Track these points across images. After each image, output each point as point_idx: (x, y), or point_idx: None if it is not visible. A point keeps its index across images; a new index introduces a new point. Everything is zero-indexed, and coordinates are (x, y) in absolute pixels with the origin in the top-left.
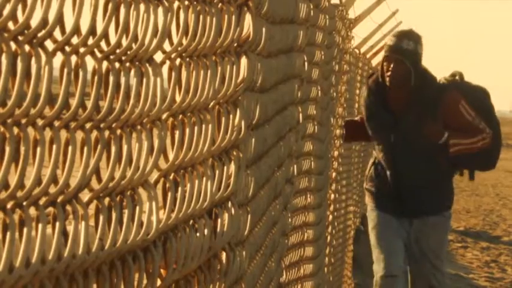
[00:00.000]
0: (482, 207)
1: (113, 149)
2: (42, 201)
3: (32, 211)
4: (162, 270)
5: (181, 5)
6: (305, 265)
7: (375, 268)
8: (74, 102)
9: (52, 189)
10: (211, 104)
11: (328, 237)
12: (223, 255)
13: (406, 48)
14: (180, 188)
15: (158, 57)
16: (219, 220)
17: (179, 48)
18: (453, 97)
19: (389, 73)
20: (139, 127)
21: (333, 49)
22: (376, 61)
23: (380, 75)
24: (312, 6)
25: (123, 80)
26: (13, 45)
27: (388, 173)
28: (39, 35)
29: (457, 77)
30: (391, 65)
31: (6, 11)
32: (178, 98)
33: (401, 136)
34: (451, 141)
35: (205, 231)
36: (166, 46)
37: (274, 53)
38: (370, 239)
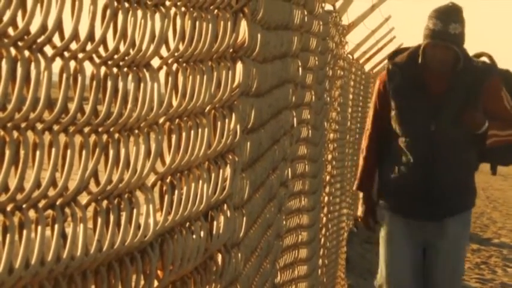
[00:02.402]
0: (473, 210)
1: (111, 152)
2: (41, 204)
3: (32, 213)
4: (159, 272)
5: (178, 11)
6: (299, 266)
7: (379, 283)
8: (72, 106)
9: (51, 192)
10: (207, 108)
11: (322, 239)
12: (219, 257)
13: (454, 33)
14: (176, 191)
15: (155, 62)
16: (215, 222)
17: (176, 54)
18: (496, 83)
19: (436, 61)
20: (136, 131)
21: (326, 55)
22: (369, 66)
23: (421, 60)
24: (306, 13)
25: (121, 84)
26: (13, 51)
27: (416, 169)
28: (39, 40)
29: (484, 58)
30: (437, 53)
31: (6, 17)
32: (175, 103)
33: (441, 124)
34: (490, 132)
35: (202, 233)
36: (163, 52)
37: (269, 59)
38: (381, 247)
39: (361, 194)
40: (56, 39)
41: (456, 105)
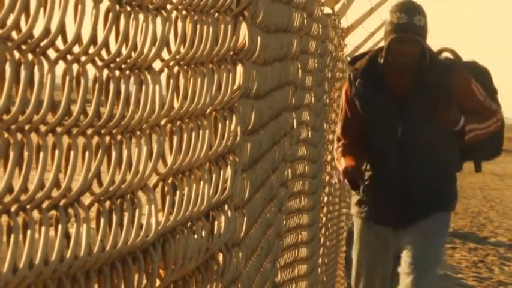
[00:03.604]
0: (470, 210)
1: (114, 154)
2: (45, 205)
3: (35, 214)
4: (161, 271)
5: (179, 14)
6: (299, 266)
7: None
8: (75, 108)
9: (55, 193)
10: (208, 110)
11: (322, 239)
12: (220, 256)
13: (419, 25)
14: (178, 192)
15: (157, 65)
16: (216, 222)
17: (177, 57)
18: (464, 76)
19: (403, 56)
20: (138, 133)
21: (325, 57)
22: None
23: (384, 58)
24: (305, 16)
25: (123, 87)
26: (17, 54)
27: (389, 174)
28: (42, 44)
29: (447, 54)
30: (404, 46)
31: (9, 21)
32: (176, 105)
33: (410, 127)
34: (467, 127)
35: (203, 233)
36: (165, 54)
37: (269, 61)
38: (353, 251)
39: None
40: (59, 42)
41: (425, 104)
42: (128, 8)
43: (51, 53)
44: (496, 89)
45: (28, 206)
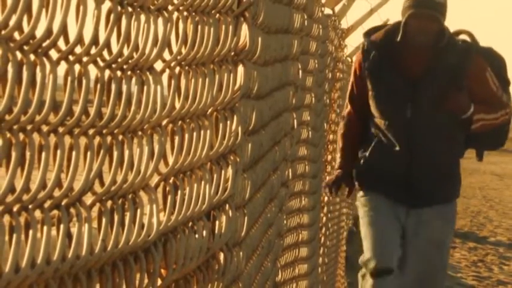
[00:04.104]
0: (470, 209)
1: (115, 154)
2: (47, 204)
3: (37, 214)
4: (162, 270)
5: (180, 15)
6: (300, 265)
7: (365, 258)
8: (77, 109)
9: (57, 193)
10: (209, 110)
11: (322, 238)
12: (221, 256)
13: (438, 1)
14: (179, 191)
15: (158, 65)
16: (217, 222)
17: (178, 57)
18: (481, 64)
19: (420, 33)
20: (140, 133)
21: (326, 57)
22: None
23: (401, 35)
24: (306, 17)
25: (124, 87)
26: (19, 55)
27: (395, 154)
28: (44, 44)
29: (464, 36)
30: (421, 23)
31: (12, 22)
32: (177, 105)
33: (420, 109)
34: (475, 116)
35: (204, 232)
36: (166, 55)
37: (269, 62)
38: (362, 226)
39: (338, 159)
40: (61, 43)
41: (437, 88)
42: (130, 9)
43: (53, 54)
44: (509, 80)
45: (30, 206)
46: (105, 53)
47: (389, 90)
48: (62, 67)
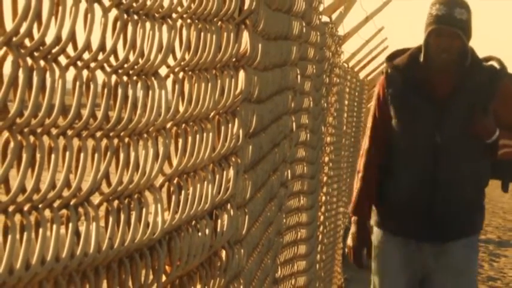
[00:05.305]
0: None
1: (122, 155)
2: (56, 204)
3: (47, 213)
4: (166, 267)
5: (184, 23)
6: (298, 262)
7: None
8: (85, 112)
9: (65, 193)
10: (212, 114)
11: (320, 236)
12: (223, 253)
13: (460, 18)
14: (183, 191)
15: (163, 71)
16: (219, 221)
17: (182, 63)
18: (508, 87)
19: (441, 51)
20: (145, 135)
21: (323, 63)
22: (363, 74)
23: (424, 55)
24: (304, 24)
25: (130, 92)
26: (29, 61)
27: (418, 186)
28: (54, 51)
29: (493, 62)
30: (442, 40)
31: (22, 29)
32: (181, 109)
33: (448, 133)
34: (501, 142)
35: (207, 231)
36: (170, 61)
37: (269, 67)
38: (374, 274)
39: (353, 219)
40: (70, 49)
41: (464, 109)
42: (136, 17)
43: (62, 60)
44: None
45: (40, 205)
46: (112, 59)
47: (415, 116)
48: (71, 72)
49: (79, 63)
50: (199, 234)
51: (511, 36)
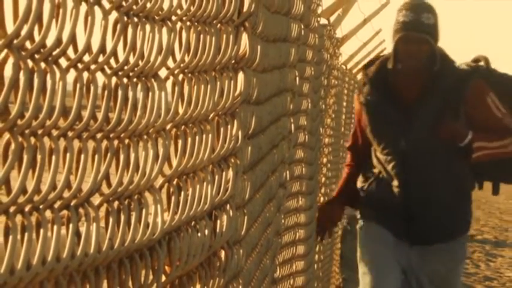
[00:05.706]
0: None
1: (122, 156)
2: (57, 205)
3: (48, 214)
4: (166, 267)
5: (183, 25)
6: (297, 262)
7: None
8: (85, 114)
9: (66, 194)
10: (211, 115)
11: None
12: (222, 253)
13: (427, 23)
14: (182, 192)
15: (163, 73)
16: (219, 221)
17: (182, 65)
18: (479, 87)
19: (409, 58)
20: (145, 137)
21: (322, 65)
22: (361, 76)
23: (393, 61)
24: (302, 26)
25: (130, 94)
26: (30, 63)
27: (393, 189)
28: (54, 53)
29: (481, 63)
30: (410, 46)
31: (23, 31)
32: (181, 110)
33: (414, 138)
34: (474, 144)
35: (206, 231)
36: (170, 63)
37: (268, 69)
38: (360, 261)
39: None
40: (70, 51)
41: (430, 114)
42: (136, 19)
43: (63, 62)
44: None
45: (41, 206)
46: (112, 61)
47: (385, 122)
48: (71, 74)
49: (79, 65)
50: (199, 234)
51: (499, 35)
